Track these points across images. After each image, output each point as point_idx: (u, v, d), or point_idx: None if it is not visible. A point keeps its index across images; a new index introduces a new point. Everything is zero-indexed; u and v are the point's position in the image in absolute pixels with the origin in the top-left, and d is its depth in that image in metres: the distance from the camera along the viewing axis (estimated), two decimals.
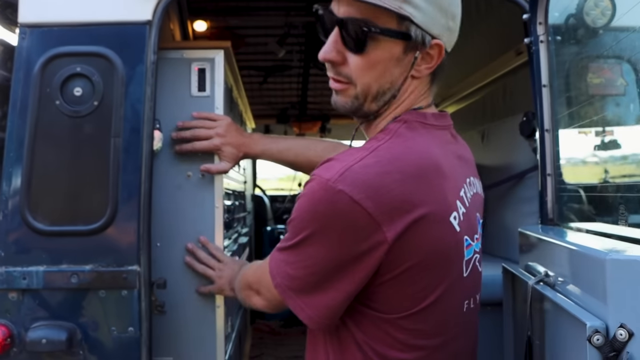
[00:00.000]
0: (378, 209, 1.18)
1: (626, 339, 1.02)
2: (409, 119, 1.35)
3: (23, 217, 2.00)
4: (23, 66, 2.03)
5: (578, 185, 2.04)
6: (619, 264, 1.04)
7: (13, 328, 1.99)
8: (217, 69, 2.25)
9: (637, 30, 1.87)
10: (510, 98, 3.13)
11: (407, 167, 1.24)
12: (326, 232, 1.22)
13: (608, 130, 2.05)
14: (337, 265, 1.24)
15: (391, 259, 1.22)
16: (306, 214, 1.25)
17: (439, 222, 1.26)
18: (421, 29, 1.28)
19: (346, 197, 1.18)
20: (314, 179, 1.25)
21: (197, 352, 2.24)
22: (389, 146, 1.28)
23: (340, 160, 1.24)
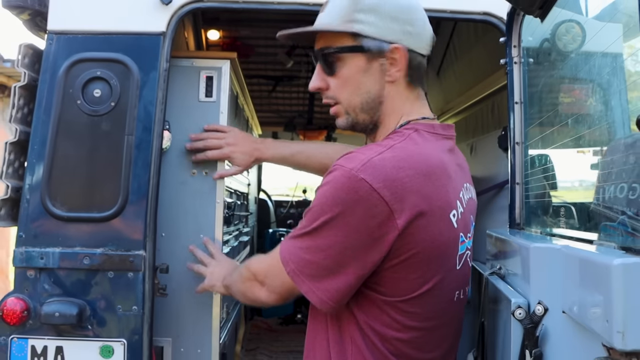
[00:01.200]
0: (393, 198, 1.30)
1: (542, 313, 1.23)
2: (419, 128, 1.49)
3: (43, 203, 2.23)
4: (49, 69, 2.27)
5: (542, 194, 2.23)
6: (539, 251, 1.25)
7: (30, 302, 2.22)
8: (224, 77, 2.49)
9: (605, 54, 2.05)
10: (497, 114, 3.33)
11: (418, 165, 1.37)
12: (346, 216, 1.32)
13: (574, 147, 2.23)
14: (353, 249, 1.34)
15: (399, 245, 1.34)
16: (328, 199, 1.34)
17: (441, 217, 1.39)
18: (376, 39, 1.47)
19: (367, 185, 1.30)
20: (337, 169, 1.35)
21: (194, 334, 2.46)
22: (403, 146, 1.40)
23: (361, 153, 1.36)
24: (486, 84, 3.46)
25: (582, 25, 2.23)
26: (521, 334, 1.26)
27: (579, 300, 1.10)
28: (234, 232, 3.23)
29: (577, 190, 2.15)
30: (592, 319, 1.01)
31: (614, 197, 1.40)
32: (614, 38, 1.77)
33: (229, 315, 3.08)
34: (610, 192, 1.40)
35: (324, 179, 1.39)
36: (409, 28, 1.48)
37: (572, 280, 1.15)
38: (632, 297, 0.89)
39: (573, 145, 2.18)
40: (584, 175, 1.95)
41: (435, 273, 1.42)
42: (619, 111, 1.98)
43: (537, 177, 2.17)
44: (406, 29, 1.48)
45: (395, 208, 1.31)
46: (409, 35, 1.48)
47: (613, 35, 1.78)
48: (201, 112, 2.46)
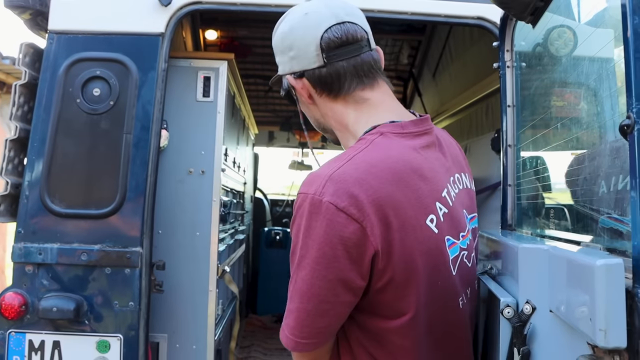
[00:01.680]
0: (361, 215, 1.20)
1: (530, 312, 1.26)
2: (384, 131, 1.36)
3: (42, 200, 2.26)
4: (50, 67, 2.30)
5: (533, 195, 2.27)
6: (527, 251, 1.28)
7: (28, 297, 2.25)
8: (221, 77, 2.52)
9: (596, 59, 2.09)
10: (491, 116, 3.37)
11: (383, 173, 1.26)
12: (321, 247, 1.21)
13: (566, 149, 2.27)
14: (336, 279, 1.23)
15: (381, 265, 1.24)
16: (300, 235, 1.24)
17: (416, 226, 1.27)
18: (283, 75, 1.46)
19: (331, 207, 1.20)
20: (299, 197, 1.26)
21: (189, 330, 2.49)
22: (364, 154, 1.29)
23: (319, 174, 1.25)
24: (480, 86, 3.50)
25: (574, 30, 2.26)
26: (510, 333, 1.29)
27: (565, 299, 1.13)
28: (229, 230, 3.27)
29: (567, 192, 2.19)
30: (578, 318, 1.05)
31: (600, 199, 1.44)
32: (604, 43, 1.81)
33: (224, 312, 3.12)
34: (596, 194, 1.44)
35: (293, 208, 1.30)
36: (290, 54, 1.41)
37: (558, 280, 1.18)
38: (614, 297, 0.92)
39: (564, 148, 2.21)
40: (574, 177, 1.99)
41: (425, 287, 1.30)
42: (609, 115, 2.02)
43: (529, 179, 2.21)
44: (290, 56, 1.42)
45: (366, 225, 1.21)
46: (295, 60, 1.41)
47: (604, 40, 1.81)
48: (198, 112, 2.50)
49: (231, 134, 3.14)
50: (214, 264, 2.52)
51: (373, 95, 1.42)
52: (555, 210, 2.00)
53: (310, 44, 1.38)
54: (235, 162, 3.40)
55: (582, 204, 1.61)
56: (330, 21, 1.38)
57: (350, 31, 1.38)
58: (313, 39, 1.38)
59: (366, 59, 1.40)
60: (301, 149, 6.98)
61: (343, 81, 1.39)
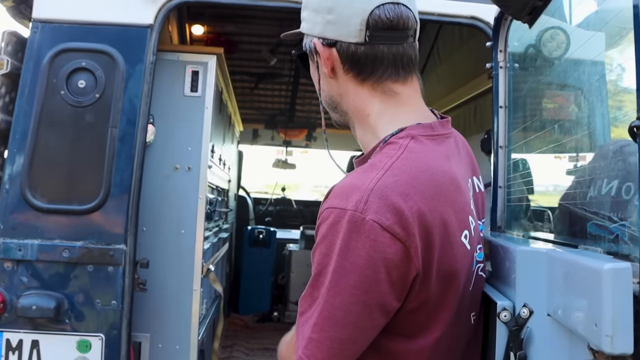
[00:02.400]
0: (406, 235, 1.10)
1: (527, 316, 1.23)
2: (415, 134, 1.23)
3: (23, 194, 2.20)
4: (33, 57, 2.24)
5: (524, 197, 2.25)
6: (524, 254, 1.26)
7: (6, 295, 2.18)
8: (210, 72, 2.48)
9: (589, 62, 2.08)
10: (479, 117, 3.37)
11: (425, 187, 1.15)
12: (361, 270, 1.10)
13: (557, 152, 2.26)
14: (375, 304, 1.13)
15: (419, 286, 1.15)
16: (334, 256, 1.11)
17: (455, 243, 1.20)
18: (309, 36, 1.31)
19: (376, 227, 1.08)
20: (331, 212, 1.12)
21: (172, 330, 2.44)
22: (402, 164, 1.16)
23: (357, 186, 1.12)
24: (469, 87, 3.49)
25: (567, 32, 2.26)
26: (506, 336, 1.27)
27: (564, 303, 1.11)
28: (214, 229, 3.22)
29: (558, 194, 2.18)
30: (578, 322, 1.03)
31: (597, 202, 1.42)
32: (597, 46, 1.80)
33: (208, 312, 3.07)
34: (594, 197, 1.43)
35: (318, 230, 1.15)
36: (328, 17, 1.26)
37: (557, 283, 1.16)
38: (621, 302, 0.90)
39: (555, 150, 2.21)
40: (566, 180, 1.98)
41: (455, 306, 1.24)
42: (600, 118, 2.01)
43: (519, 181, 2.20)
44: (326, 19, 1.26)
45: (410, 245, 1.10)
46: (332, 25, 1.26)
47: (596, 43, 1.80)
48: (186, 107, 2.45)
49: (218, 130, 3.09)
50: (199, 262, 2.47)
51: (404, 90, 1.28)
52: (547, 212, 1.99)
53: (355, 15, 1.23)
54: (221, 160, 3.35)
55: (574, 206, 1.59)
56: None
57: (404, 16, 1.24)
58: (361, 11, 1.23)
59: (408, 50, 1.27)
60: (285, 148, 6.94)
61: (378, 67, 1.25)
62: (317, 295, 1.14)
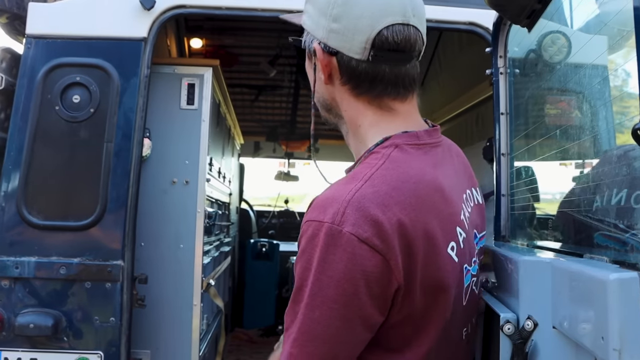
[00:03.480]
0: (385, 247, 1.07)
1: (532, 329, 1.19)
2: (399, 143, 1.20)
3: (19, 211, 2.17)
4: (27, 73, 2.22)
5: (528, 206, 2.21)
6: (529, 264, 1.22)
7: (3, 313, 2.15)
8: (206, 84, 2.45)
9: (590, 66, 2.05)
10: (482, 125, 3.33)
11: (405, 197, 1.11)
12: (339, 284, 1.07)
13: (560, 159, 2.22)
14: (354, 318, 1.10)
15: (401, 299, 1.12)
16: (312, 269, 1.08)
17: (439, 255, 1.15)
18: (309, 33, 1.26)
19: (353, 239, 1.05)
20: (309, 225, 1.10)
21: (173, 346, 2.41)
22: (383, 174, 1.13)
23: (334, 198, 1.09)
24: (470, 95, 3.46)
25: (568, 36, 2.23)
26: (510, 350, 1.22)
27: (570, 315, 1.07)
28: (214, 242, 3.19)
29: (562, 202, 2.14)
30: (584, 335, 0.99)
31: (604, 210, 1.38)
32: (599, 50, 1.76)
33: (209, 327, 3.03)
34: (600, 205, 1.39)
35: (299, 242, 1.13)
36: (333, 25, 1.20)
37: (563, 294, 1.12)
38: (629, 314, 0.86)
39: (559, 157, 2.18)
40: (571, 187, 1.94)
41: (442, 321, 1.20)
42: (604, 123, 1.98)
43: (523, 189, 2.16)
44: (331, 26, 1.20)
45: (390, 257, 1.07)
46: (334, 35, 1.21)
47: (598, 47, 1.77)
48: (182, 120, 2.42)
49: (216, 143, 3.07)
50: (199, 277, 2.43)
51: (402, 107, 1.25)
52: (552, 221, 1.95)
53: (362, 32, 1.18)
54: (221, 173, 3.32)
55: (579, 214, 1.55)
56: (396, 18, 1.18)
57: (411, 39, 1.20)
58: (369, 29, 1.17)
59: (411, 71, 1.23)
60: (287, 160, 6.91)
61: (377, 85, 1.22)
62: (298, 309, 1.11)
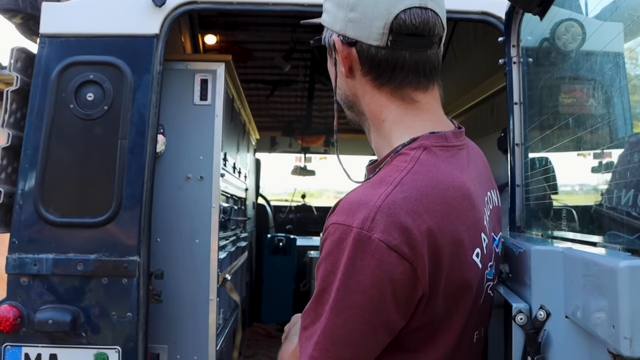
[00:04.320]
0: (413, 255, 1.06)
1: (545, 319, 1.18)
2: (427, 145, 1.18)
3: (36, 208, 2.20)
4: (42, 72, 2.24)
5: (543, 196, 2.19)
6: (540, 254, 1.21)
7: (23, 310, 2.18)
8: (219, 80, 2.46)
9: (606, 54, 2.02)
10: (496, 116, 3.30)
11: (435, 204, 1.10)
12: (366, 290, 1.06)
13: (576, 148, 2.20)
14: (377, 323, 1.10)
15: (424, 307, 1.12)
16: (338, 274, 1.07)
17: (465, 262, 1.15)
18: (329, 29, 1.26)
19: (382, 246, 1.04)
20: (336, 228, 1.08)
21: (190, 341, 2.42)
22: (412, 178, 1.12)
23: (364, 202, 1.08)
24: (485, 86, 3.43)
25: (582, 23, 2.20)
26: (523, 340, 1.22)
27: (582, 304, 1.06)
28: (231, 237, 3.20)
29: (579, 192, 2.12)
30: (597, 324, 0.98)
31: (618, 198, 1.37)
32: (614, 37, 1.74)
33: (226, 322, 3.05)
34: (616, 193, 1.37)
35: (323, 245, 1.11)
36: (350, 14, 1.20)
37: (575, 284, 1.11)
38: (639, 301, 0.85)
39: (574, 147, 2.16)
40: (587, 177, 1.92)
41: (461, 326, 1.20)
42: (620, 111, 1.95)
43: (538, 179, 2.14)
44: (348, 16, 1.20)
45: (417, 264, 1.06)
46: (353, 24, 1.20)
47: (613, 34, 1.75)
48: (196, 116, 2.43)
49: (230, 138, 3.08)
50: (214, 272, 2.45)
51: (424, 98, 1.22)
52: (568, 211, 1.93)
53: (379, 17, 1.17)
54: (236, 168, 3.33)
55: (601, 204, 1.53)
56: (413, 1, 1.16)
57: (430, 22, 1.18)
58: (386, 13, 1.16)
59: (432, 57, 1.20)
60: (303, 154, 6.91)
61: (398, 73, 1.19)
62: (321, 312, 1.10)
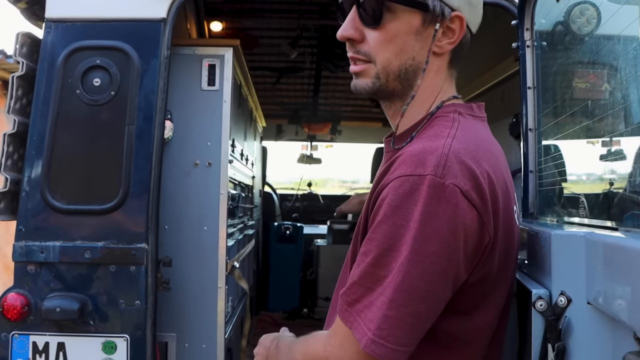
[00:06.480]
0: (480, 201, 1.07)
1: (565, 305, 1.15)
2: (461, 111, 1.22)
3: (43, 196, 2.17)
4: (47, 58, 2.21)
5: (557, 182, 2.16)
6: (562, 238, 1.18)
7: (30, 298, 2.16)
8: (227, 65, 2.42)
9: (621, 38, 1.98)
10: (508, 101, 3.27)
11: (487, 156, 1.13)
12: (443, 237, 1.04)
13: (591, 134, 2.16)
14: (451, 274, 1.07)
15: (485, 257, 1.12)
16: (412, 223, 1.04)
17: (511, 214, 1.19)
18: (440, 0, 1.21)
19: (457, 191, 1.04)
20: (406, 180, 1.06)
21: (199, 329, 2.40)
22: (463, 134, 1.14)
23: (431, 150, 1.08)
24: (495, 71, 3.39)
25: (597, 6, 2.16)
26: (543, 327, 1.19)
27: (605, 290, 1.03)
28: (238, 225, 3.18)
29: (594, 178, 2.08)
30: (622, 310, 0.94)
31: (637, 183, 1.33)
32: (630, 20, 1.70)
33: (234, 310, 3.03)
34: (636, 177, 1.33)
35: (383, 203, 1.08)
36: None
37: (597, 269, 1.07)
38: None
39: (588, 132, 2.12)
40: (602, 162, 1.88)
41: (507, 283, 1.22)
42: (636, 96, 1.92)
43: (551, 165, 2.10)
44: None
45: (483, 212, 1.07)
46: (469, 7, 1.23)
47: (630, 17, 1.70)
48: (204, 101, 2.40)
49: (238, 125, 3.04)
50: (223, 259, 2.43)
51: (455, 75, 1.32)
52: (583, 197, 1.89)
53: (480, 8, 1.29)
54: (243, 155, 3.30)
55: (616, 189, 1.50)
56: None
57: None
58: (481, 5, 1.29)
59: None
60: (310, 142, 6.88)
61: (462, 56, 1.30)
62: (385, 274, 1.05)
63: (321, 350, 1.16)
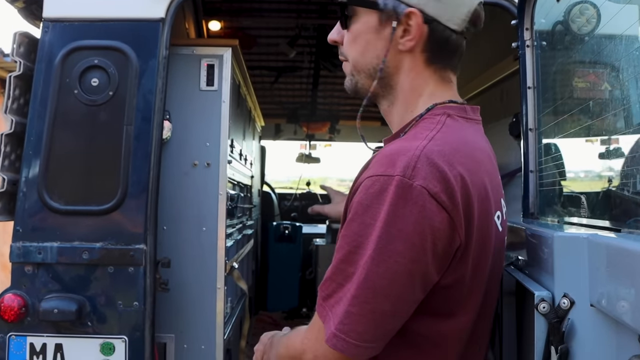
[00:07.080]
0: (451, 204, 1.08)
1: (568, 307, 1.15)
2: (451, 113, 1.23)
3: (40, 196, 2.16)
4: (45, 58, 2.20)
5: (557, 182, 2.15)
6: (564, 240, 1.17)
7: (28, 299, 2.15)
8: (225, 65, 2.41)
9: (621, 38, 1.97)
10: (506, 101, 3.26)
11: (467, 160, 1.14)
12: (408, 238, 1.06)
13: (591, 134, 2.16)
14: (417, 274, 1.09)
15: (457, 261, 1.13)
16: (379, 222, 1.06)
17: (488, 219, 1.19)
18: None
19: (424, 193, 1.05)
20: (376, 180, 1.08)
21: (198, 330, 2.39)
22: (443, 136, 1.15)
23: (403, 151, 1.10)
24: (494, 70, 3.38)
25: (597, 6, 2.15)
26: (545, 329, 1.18)
27: (609, 292, 1.02)
28: (237, 225, 3.17)
29: (596, 178, 2.07)
30: (625, 312, 0.94)
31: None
32: (630, 20, 1.69)
33: (233, 310, 3.02)
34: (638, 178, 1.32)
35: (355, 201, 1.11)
36: None
37: (600, 271, 1.07)
38: None
39: (588, 132, 2.11)
40: (604, 162, 1.87)
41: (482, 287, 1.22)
42: (636, 96, 1.91)
43: (552, 165, 2.09)
44: None
45: (454, 215, 1.08)
46: (434, 3, 1.21)
47: (629, 17, 1.70)
48: (202, 102, 2.39)
49: (237, 125, 3.03)
50: (222, 260, 2.41)
51: (453, 78, 1.32)
52: (584, 197, 1.88)
53: (465, 5, 1.24)
54: (242, 155, 3.29)
55: (618, 189, 1.49)
56: None
57: (481, 16, 1.29)
58: (470, 3, 1.25)
59: (463, 46, 1.31)
60: (308, 142, 6.87)
61: (452, 57, 1.28)
62: (353, 270, 1.09)
63: (299, 343, 1.22)
